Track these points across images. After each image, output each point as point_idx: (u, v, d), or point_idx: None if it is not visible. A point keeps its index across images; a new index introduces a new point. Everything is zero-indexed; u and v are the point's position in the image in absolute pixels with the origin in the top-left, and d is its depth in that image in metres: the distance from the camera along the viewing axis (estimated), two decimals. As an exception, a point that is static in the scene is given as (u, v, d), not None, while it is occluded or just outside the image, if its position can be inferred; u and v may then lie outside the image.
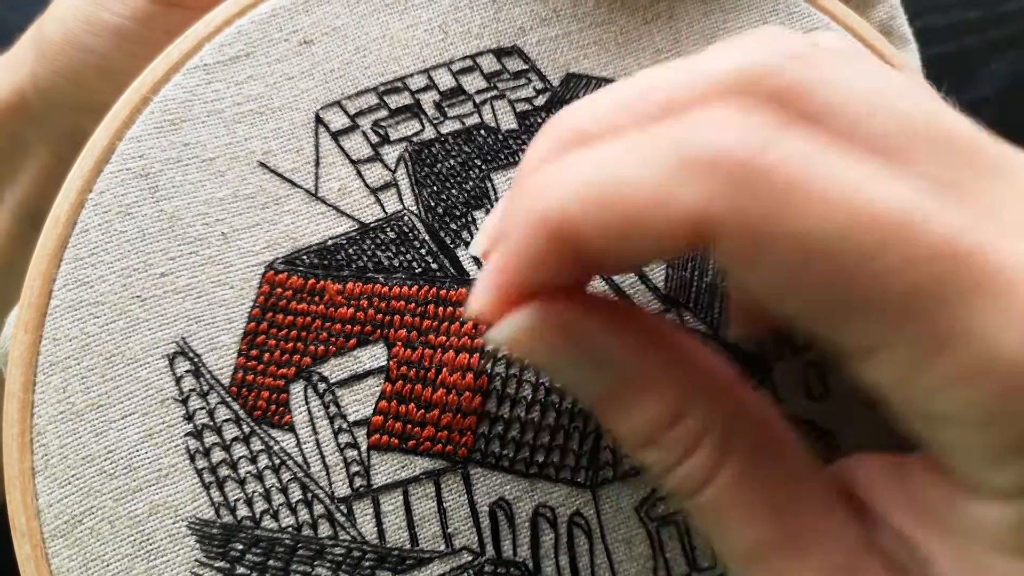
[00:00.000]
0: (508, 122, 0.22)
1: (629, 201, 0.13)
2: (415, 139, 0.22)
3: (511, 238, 0.14)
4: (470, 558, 0.19)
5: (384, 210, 0.21)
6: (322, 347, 0.20)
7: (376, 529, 0.19)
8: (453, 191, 0.22)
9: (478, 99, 0.22)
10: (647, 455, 0.16)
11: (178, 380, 0.20)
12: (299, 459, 0.20)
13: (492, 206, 0.21)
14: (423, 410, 0.20)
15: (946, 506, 0.14)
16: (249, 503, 0.19)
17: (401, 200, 0.21)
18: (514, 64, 0.22)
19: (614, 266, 0.14)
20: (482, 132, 0.22)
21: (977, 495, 0.13)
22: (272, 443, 0.20)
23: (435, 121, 0.22)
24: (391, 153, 0.22)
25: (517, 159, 0.22)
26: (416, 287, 0.21)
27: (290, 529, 0.19)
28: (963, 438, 0.13)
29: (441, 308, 0.21)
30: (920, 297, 0.12)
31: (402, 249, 0.21)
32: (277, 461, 0.20)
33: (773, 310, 0.14)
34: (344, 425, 0.20)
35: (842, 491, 0.15)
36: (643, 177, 0.13)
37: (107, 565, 0.19)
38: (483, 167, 0.22)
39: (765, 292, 0.13)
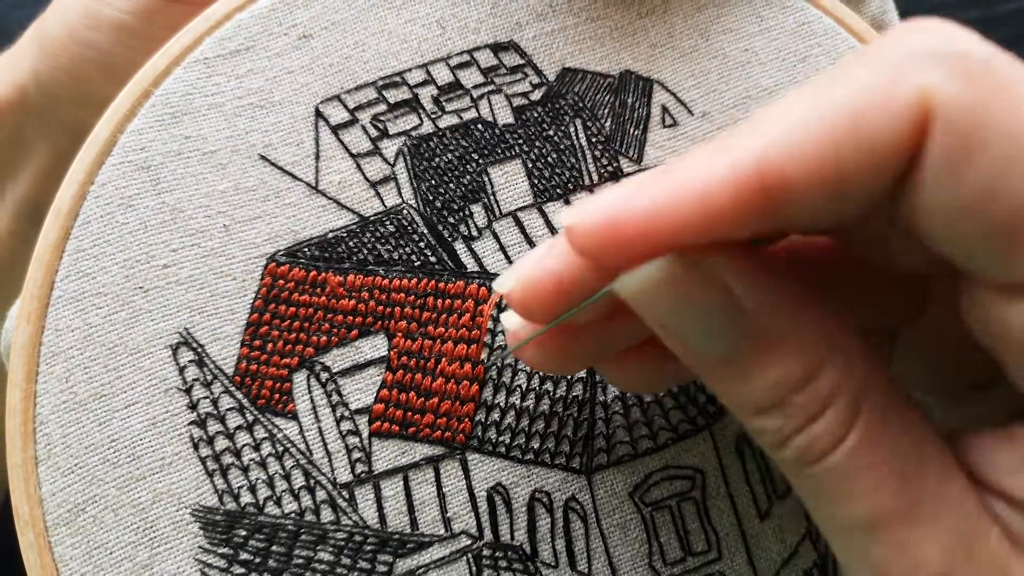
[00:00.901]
0: (505, 116, 0.21)
1: (850, 102, 0.11)
2: (413, 133, 0.21)
3: (689, 184, 0.12)
4: (469, 542, 0.19)
5: (383, 204, 0.21)
6: (324, 337, 0.20)
7: (377, 514, 0.19)
8: (451, 185, 0.21)
9: (475, 94, 0.21)
10: (765, 422, 0.14)
11: (181, 370, 0.19)
12: (302, 446, 0.19)
13: (489, 200, 0.21)
14: (423, 398, 0.19)
15: None
16: (252, 490, 0.19)
17: (400, 194, 0.21)
18: (511, 59, 0.22)
19: (808, 217, 0.12)
20: (479, 126, 0.21)
21: None
22: (275, 431, 0.19)
23: (433, 115, 0.21)
24: (390, 147, 0.21)
25: (513, 153, 0.21)
26: (415, 280, 0.20)
27: (293, 515, 0.19)
28: None
29: (440, 300, 0.20)
30: None
31: (401, 242, 0.21)
32: (280, 448, 0.19)
33: (951, 236, 0.12)
34: (346, 413, 0.19)
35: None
36: (857, 78, 0.11)
37: (110, 553, 0.18)
38: (480, 161, 0.21)
39: (965, 203, 0.11)
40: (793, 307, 0.13)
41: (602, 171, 0.21)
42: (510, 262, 0.21)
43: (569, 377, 0.20)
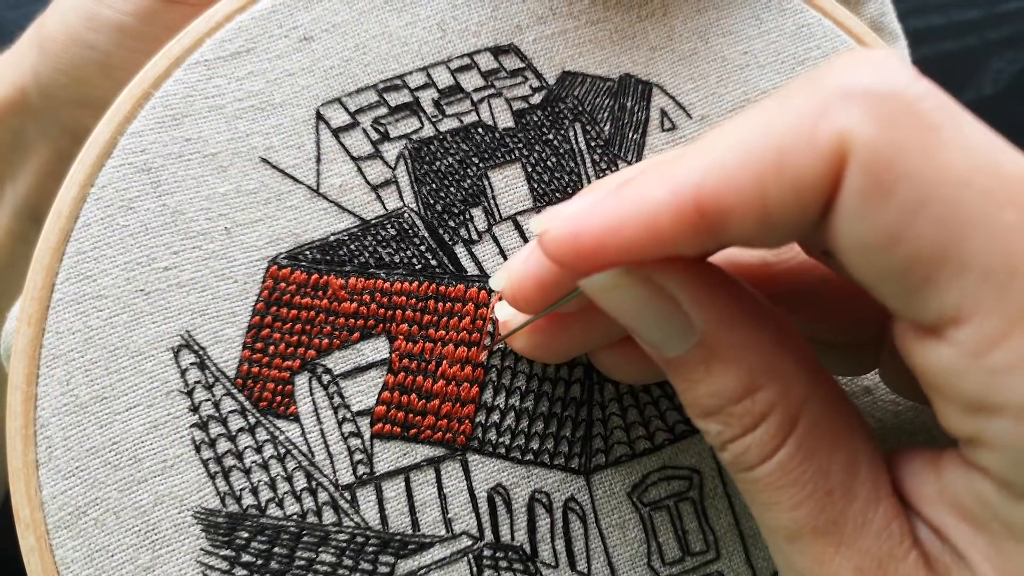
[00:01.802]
0: (505, 120, 0.21)
1: (776, 140, 0.12)
2: (414, 137, 0.21)
3: (636, 206, 0.13)
4: (469, 543, 0.19)
5: (384, 207, 0.20)
6: (326, 340, 0.19)
7: (379, 515, 0.18)
8: (451, 189, 0.21)
9: (476, 97, 0.21)
10: (708, 425, 0.15)
11: (183, 372, 0.19)
12: (304, 448, 0.19)
13: (489, 204, 0.21)
14: (424, 400, 0.19)
15: (980, 503, 0.13)
16: (254, 492, 0.18)
17: (401, 197, 0.20)
18: (511, 62, 0.21)
19: (745, 239, 0.13)
20: (480, 130, 0.21)
21: (1013, 493, 0.12)
22: (277, 433, 0.19)
23: (434, 119, 0.21)
24: (391, 150, 0.21)
25: (514, 157, 0.21)
26: (416, 283, 0.20)
27: (295, 517, 0.18)
28: (1013, 435, 0.12)
29: (440, 303, 0.20)
30: None
31: (402, 246, 0.20)
32: (282, 450, 0.19)
33: (866, 272, 0.12)
34: (348, 415, 0.19)
35: (891, 481, 0.14)
36: (790, 110, 0.12)
37: (112, 555, 0.18)
38: (480, 165, 0.21)
39: (874, 242, 0.12)
40: (738, 326, 0.14)
41: (600, 175, 0.21)
42: (510, 265, 0.20)
43: (567, 378, 0.20)
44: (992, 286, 0.11)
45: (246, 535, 0.18)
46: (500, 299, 0.19)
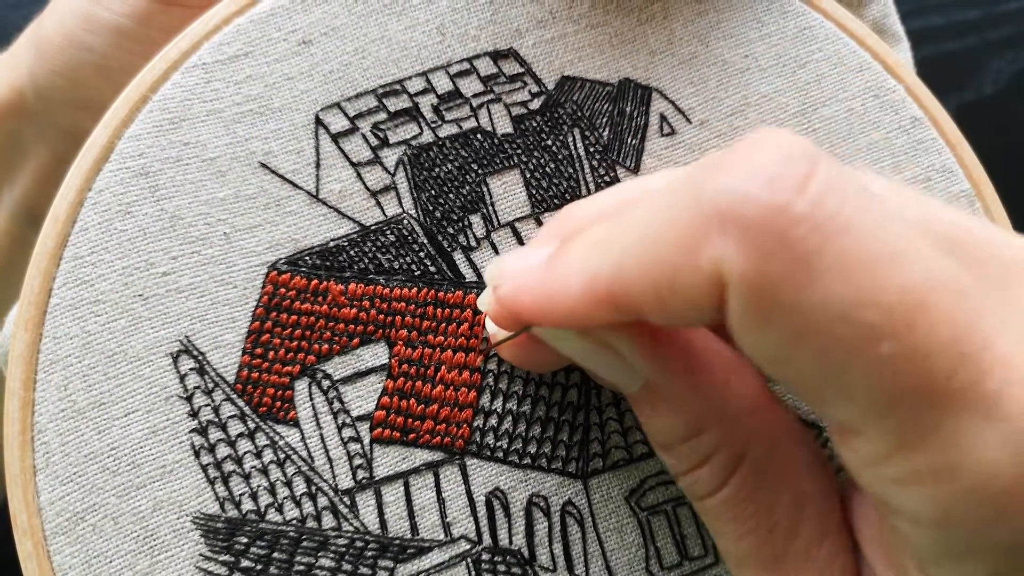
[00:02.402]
0: (504, 126, 0.21)
1: (667, 258, 0.12)
2: (414, 142, 0.20)
3: (558, 292, 0.14)
4: (468, 547, 0.18)
5: (384, 213, 0.20)
6: (326, 346, 0.19)
7: (378, 520, 0.18)
8: (450, 195, 0.20)
9: (475, 103, 0.21)
10: (664, 456, 0.16)
11: (182, 378, 0.18)
12: (304, 453, 0.19)
13: (487, 210, 0.20)
14: (423, 405, 0.19)
15: (901, 559, 0.14)
16: (254, 497, 0.18)
17: (400, 203, 0.20)
18: (510, 67, 0.21)
19: (664, 322, 0.14)
20: (479, 136, 0.21)
21: (921, 567, 0.13)
22: (277, 438, 0.19)
23: (433, 124, 0.21)
24: (390, 156, 0.20)
25: (513, 163, 0.21)
26: (416, 289, 0.20)
27: (294, 522, 0.18)
28: (912, 530, 0.12)
29: (440, 310, 0.20)
30: (914, 390, 0.11)
31: (402, 252, 0.20)
32: (282, 456, 0.19)
33: (768, 372, 0.13)
34: (347, 420, 0.19)
35: (844, 518, 0.15)
36: (677, 226, 0.12)
37: (110, 562, 0.18)
38: (479, 171, 0.20)
39: (762, 360, 0.12)
40: (680, 373, 0.15)
41: (599, 181, 0.21)
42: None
43: (565, 383, 0.20)
44: (874, 413, 0.11)
45: (245, 540, 0.18)
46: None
